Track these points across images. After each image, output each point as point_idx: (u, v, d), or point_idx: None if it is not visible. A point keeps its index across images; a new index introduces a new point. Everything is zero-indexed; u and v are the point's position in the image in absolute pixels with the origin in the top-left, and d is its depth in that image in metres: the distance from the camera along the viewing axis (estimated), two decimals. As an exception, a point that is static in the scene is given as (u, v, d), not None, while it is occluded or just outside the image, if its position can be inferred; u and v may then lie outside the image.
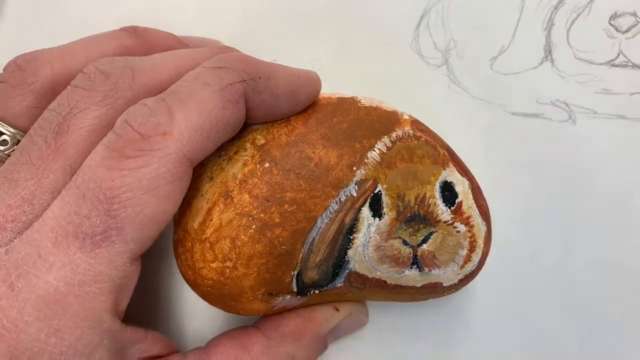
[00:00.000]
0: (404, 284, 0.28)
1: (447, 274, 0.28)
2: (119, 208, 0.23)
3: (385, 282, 0.28)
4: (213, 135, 0.25)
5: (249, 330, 0.30)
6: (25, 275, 0.23)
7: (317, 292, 0.28)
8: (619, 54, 0.35)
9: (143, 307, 0.33)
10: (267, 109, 0.27)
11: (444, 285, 0.29)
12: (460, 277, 0.28)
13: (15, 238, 0.24)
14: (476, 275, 0.29)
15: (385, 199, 0.27)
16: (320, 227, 0.27)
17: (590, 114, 0.35)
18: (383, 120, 0.28)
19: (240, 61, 0.26)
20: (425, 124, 0.30)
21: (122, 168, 0.23)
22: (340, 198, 0.27)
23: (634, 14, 0.36)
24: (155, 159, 0.23)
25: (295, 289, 0.28)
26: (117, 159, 0.23)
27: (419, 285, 0.29)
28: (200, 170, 0.28)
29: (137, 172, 0.23)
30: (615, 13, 0.36)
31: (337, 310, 0.30)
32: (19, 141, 0.27)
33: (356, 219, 0.27)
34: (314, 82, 0.29)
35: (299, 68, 0.29)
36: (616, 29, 0.36)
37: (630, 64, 0.35)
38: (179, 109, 0.24)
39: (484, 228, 0.28)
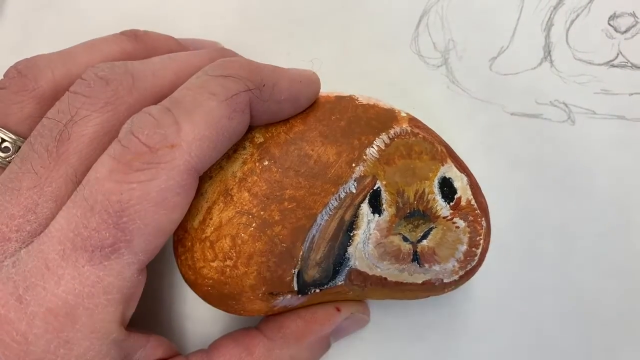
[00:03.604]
0: (404, 281, 0.28)
1: (447, 270, 0.28)
2: (127, 221, 0.23)
3: (385, 279, 0.28)
4: (219, 145, 0.25)
5: (251, 332, 0.30)
6: (34, 288, 0.23)
7: (317, 290, 0.28)
8: (618, 54, 0.36)
9: (144, 311, 0.33)
10: (269, 114, 0.27)
11: (444, 281, 0.29)
12: (460, 273, 0.28)
13: (20, 248, 0.24)
14: (476, 271, 0.29)
15: (384, 195, 0.27)
16: (320, 224, 0.27)
17: (589, 114, 0.35)
18: (381, 118, 0.28)
19: (245, 69, 0.26)
20: (425, 123, 0.30)
21: (130, 181, 0.23)
22: (339, 195, 0.27)
23: (633, 14, 0.36)
24: (163, 172, 0.23)
25: (296, 288, 0.28)
26: (125, 172, 0.23)
27: (420, 282, 0.29)
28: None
29: (145, 185, 0.23)
30: (615, 13, 0.36)
31: (338, 310, 0.30)
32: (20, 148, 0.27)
33: (356, 215, 0.27)
34: (314, 84, 0.29)
35: (300, 70, 0.29)
36: (615, 30, 0.36)
37: (629, 64, 0.35)
38: (185, 120, 0.24)
39: (483, 224, 0.28)
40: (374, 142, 0.28)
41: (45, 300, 0.23)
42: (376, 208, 0.27)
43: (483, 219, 0.28)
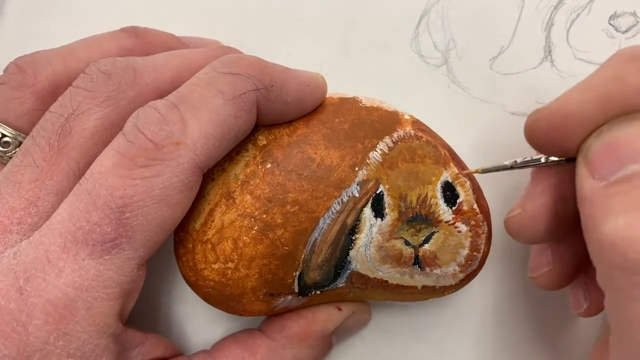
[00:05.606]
0: (405, 284, 0.28)
1: (448, 274, 0.28)
2: (130, 217, 0.23)
3: (386, 282, 0.28)
4: (224, 143, 0.25)
5: (254, 333, 0.30)
6: (34, 280, 0.23)
7: (318, 292, 0.28)
8: (618, 53, 0.35)
9: (145, 311, 0.33)
10: (275, 115, 0.27)
11: (444, 284, 0.29)
12: (461, 277, 0.29)
13: (22, 240, 0.24)
14: (476, 274, 0.29)
15: (387, 200, 0.27)
16: (322, 227, 0.27)
17: (590, 114, 0.35)
18: (384, 121, 0.28)
19: (254, 68, 0.26)
20: (425, 123, 0.30)
21: (134, 177, 0.23)
22: (342, 198, 0.27)
23: (634, 14, 0.36)
24: (168, 169, 0.23)
25: (296, 290, 0.28)
26: (129, 168, 0.23)
27: (420, 285, 0.29)
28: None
29: (149, 181, 0.23)
30: (615, 13, 0.36)
31: (339, 309, 0.31)
32: (21, 143, 0.27)
33: (358, 219, 0.27)
34: (320, 88, 0.29)
35: (308, 73, 0.29)
36: (616, 29, 0.36)
37: (630, 64, 0.35)
38: (191, 116, 0.24)
39: (484, 228, 0.28)
40: (378, 145, 0.27)
41: (45, 292, 0.23)
42: (379, 212, 0.27)
43: (484, 223, 0.28)
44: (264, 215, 0.26)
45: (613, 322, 0.21)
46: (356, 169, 0.27)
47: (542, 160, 0.26)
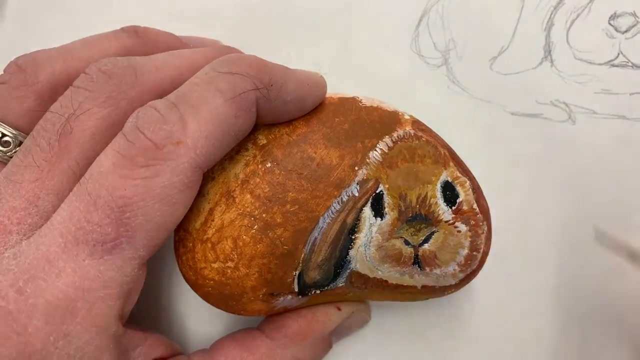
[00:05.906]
0: (404, 284, 0.28)
1: (447, 274, 0.28)
2: (130, 217, 0.23)
3: (386, 281, 0.28)
4: (224, 143, 0.25)
5: (253, 332, 0.30)
6: (34, 280, 0.23)
7: (318, 292, 0.28)
8: (618, 54, 0.35)
9: (145, 310, 0.33)
10: (275, 114, 0.27)
11: (444, 284, 0.29)
12: (461, 276, 0.29)
13: (22, 241, 0.24)
14: (476, 274, 0.29)
15: (386, 199, 0.27)
16: (322, 227, 0.27)
17: (590, 114, 0.35)
18: (384, 120, 0.28)
19: (253, 67, 0.26)
20: (425, 123, 0.30)
21: (134, 177, 0.23)
22: (342, 198, 0.27)
23: (634, 14, 0.36)
24: (167, 169, 0.23)
25: (296, 289, 0.28)
26: (129, 168, 0.23)
27: (420, 284, 0.29)
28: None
29: (149, 181, 0.23)
30: (615, 13, 0.36)
31: (339, 309, 0.31)
32: (21, 142, 0.27)
33: (358, 218, 0.27)
34: (320, 87, 0.29)
35: (307, 72, 0.29)
36: (616, 29, 0.36)
37: (630, 64, 0.35)
38: (191, 116, 0.24)
39: (484, 228, 0.28)
40: (377, 145, 0.27)
41: (45, 292, 0.23)
42: (378, 211, 0.27)
43: (484, 222, 0.28)
44: (264, 215, 0.26)
45: None
46: (356, 168, 0.27)
47: None
